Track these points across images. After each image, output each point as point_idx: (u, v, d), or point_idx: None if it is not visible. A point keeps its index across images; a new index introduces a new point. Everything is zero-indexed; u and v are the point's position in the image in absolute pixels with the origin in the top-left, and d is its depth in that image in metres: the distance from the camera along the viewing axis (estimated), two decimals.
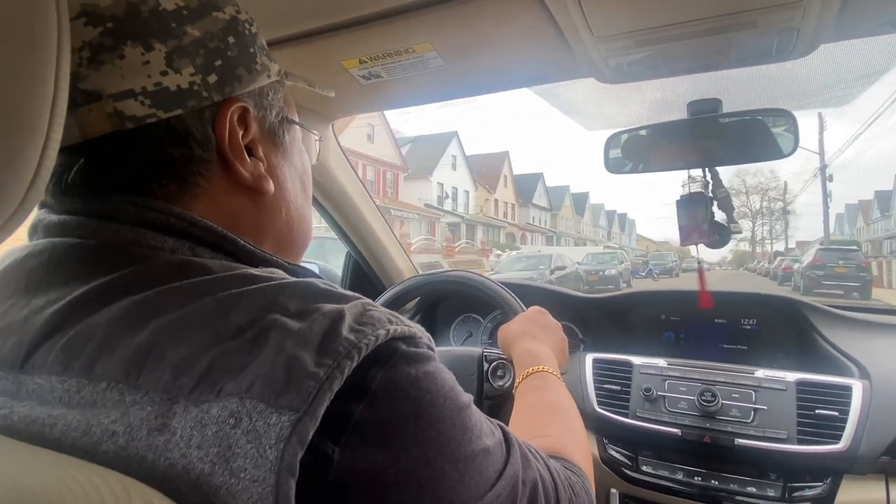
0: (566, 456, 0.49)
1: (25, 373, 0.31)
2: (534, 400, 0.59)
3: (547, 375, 0.63)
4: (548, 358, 0.67)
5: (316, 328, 0.29)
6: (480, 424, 0.35)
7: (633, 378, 1.00)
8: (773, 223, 40.38)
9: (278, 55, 0.53)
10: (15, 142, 0.25)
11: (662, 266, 23.12)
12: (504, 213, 31.73)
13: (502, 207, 31.63)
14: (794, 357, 1.06)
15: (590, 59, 0.73)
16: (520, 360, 0.68)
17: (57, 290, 0.33)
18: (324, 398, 0.27)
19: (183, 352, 0.28)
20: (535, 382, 0.62)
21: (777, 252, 34.80)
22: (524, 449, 0.39)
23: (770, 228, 40.72)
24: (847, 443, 0.80)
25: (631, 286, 15.63)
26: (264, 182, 0.41)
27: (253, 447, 0.25)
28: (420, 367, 0.32)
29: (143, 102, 0.35)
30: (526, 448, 0.39)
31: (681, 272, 23.35)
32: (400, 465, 0.29)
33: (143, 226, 0.35)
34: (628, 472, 0.95)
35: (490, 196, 29.99)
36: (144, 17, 0.35)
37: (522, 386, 0.62)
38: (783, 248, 37.63)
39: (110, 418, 0.27)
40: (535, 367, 0.64)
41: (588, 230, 44.67)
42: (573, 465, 0.48)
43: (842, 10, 0.58)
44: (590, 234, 44.70)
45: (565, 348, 0.76)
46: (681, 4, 0.60)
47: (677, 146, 0.90)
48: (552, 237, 35.01)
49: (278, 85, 0.45)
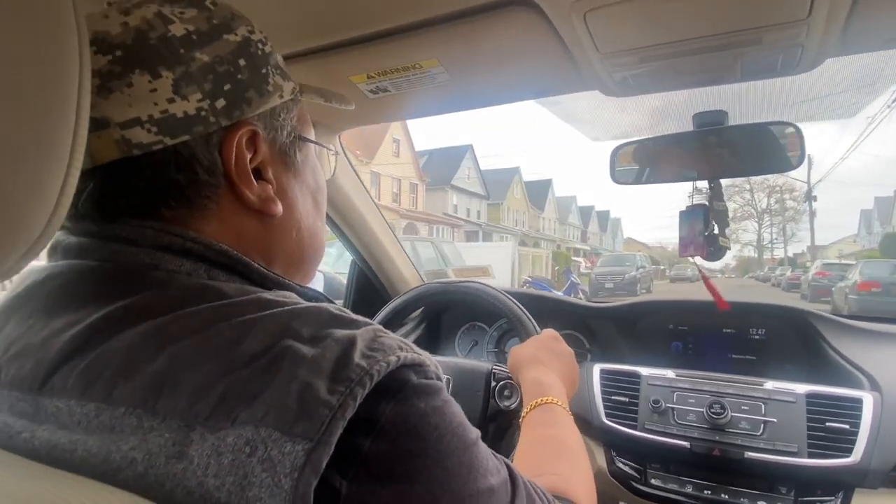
0: (571, 497, 0.48)
1: (44, 395, 0.31)
2: (541, 434, 0.58)
3: (555, 408, 0.62)
4: (557, 389, 0.65)
5: (329, 355, 0.30)
6: (487, 462, 0.35)
7: (640, 389, 1.00)
8: (783, 224, 36.03)
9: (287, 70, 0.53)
10: (41, 166, 0.26)
11: (619, 279, 15.82)
12: (396, 196, 20.42)
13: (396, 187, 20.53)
14: (803, 368, 1.05)
15: (595, 73, 0.74)
16: (528, 389, 0.66)
17: (75, 313, 0.33)
18: (337, 426, 0.27)
19: (198, 379, 0.28)
20: (542, 415, 0.61)
21: (789, 258, 32.18)
22: (529, 490, 0.38)
23: (782, 228, 36.08)
24: (858, 456, 0.79)
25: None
26: (272, 205, 0.41)
27: (268, 476, 0.26)
28: (430, 401, 0.32)
29: (149, 130, 0.35)
30: (532, 488, 0.39)
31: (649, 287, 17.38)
32: (404, 501, 0.29)
33: (161, 249, 0.36)
34: (637, 485, 0.95)
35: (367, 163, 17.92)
36: (152, 45, 0.36)
37: (530, 417, 0.61)
38: (798, 252, 34.05)
39: (129, 445, 0.28)
40: (544, 398, 0.62)
41: (552, 227, 35.03)
42: None
43: (846, 27, 0.58)
44: (556, 232, 34.96)
45: (576, 378, 0.75)
46: (685, 22, 0.60)
47: (683, 157, 0.91)
48: (477, 232, 24.33)
49: (292, 103, 0.44)
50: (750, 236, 38.87)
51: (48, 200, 0.26)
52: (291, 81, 0.44)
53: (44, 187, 0.26)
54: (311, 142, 0.47)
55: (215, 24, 0.39)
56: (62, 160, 0.27)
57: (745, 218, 37.42)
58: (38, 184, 0.26)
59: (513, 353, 0.77)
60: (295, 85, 0.45)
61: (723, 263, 38.50)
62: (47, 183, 0.26)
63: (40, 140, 0.25)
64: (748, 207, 37.15)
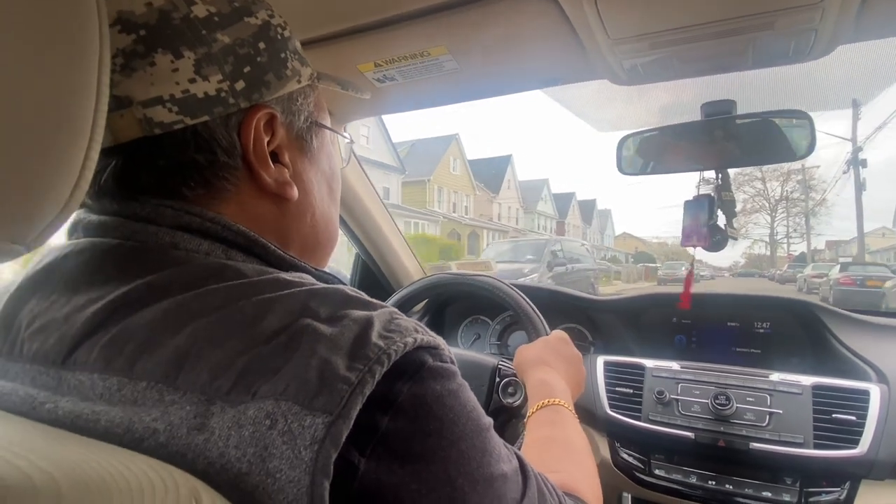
0: (579, 495, 0.48)
1: (67, 369, 0.32)
2: (547, 434, 0.58)
3: (561, 409, 0.61)
4: (562, 390, 0.65)
5: (347, 333, 0.30)
6: (500, 449, 0.35)
7: (645, 381, 1.00)
8: (806, 213, 28.99)
9: None
10: (62, 142, 0.26)
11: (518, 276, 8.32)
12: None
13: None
14: (808, 361, 1.05)
15: (604, 61, 0.73)
16: (533, 390, 0.66)
17: (98, 290, 0.33)
18: (356, 402, 0.27)
19: (219, 355, 0.29)
20: (548, 416, 0.61)
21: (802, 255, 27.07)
22: (540, 483, 0.38)
23: (806, 218, 28.83)
24: (865, 447, 0.79)
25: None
26: (288, 188, 0.41)
27: (288, 448, 0.26)
28: (446, 383, 0.32)
29: (170, 109, 0.35)
30: (542, 481, 0.39)
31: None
32: (421, 480, 0.29)
33: (181, 229, 0.36)
34: (641, 475, 0.95)
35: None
36: (176, 25, 0.36)
37: (535, 418, 0.61)
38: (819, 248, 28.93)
39: (151, 416, 0.28)
40: (549, 399, 0.62)
41: (514, 216, 28.45)
42: None
43: (861, 11, 0.58)
44: (518, 222, 28.37)
45: (582, 381, 0.75)
46: (697, 7, 0.60)
47: (691, 147, 0.90)
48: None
49: (309, 89, 0.45)
50: (762, 231, 33.10)
51: (71, 173, 0.27)
52: (309, 67, 0.45)
53: (67, 161, 0.27)
54: (326, 128, 0.48)
55: (236, 7, 0.39)
56: (84, 134, 0.27)
57: (757, 210, 31.89)
58: (62, 157, 0.26)
59: (520, 352, 0.77)
60: (312, 71, 0.45)
61: (731, 261, 35.72)
62: (70, 156, 0.27)
63: (61, 114, 0.26)
64: (759, 198, 31.46)
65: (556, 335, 0.80)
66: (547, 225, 32.41)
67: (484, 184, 25.76)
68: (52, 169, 0.26)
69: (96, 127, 0.28)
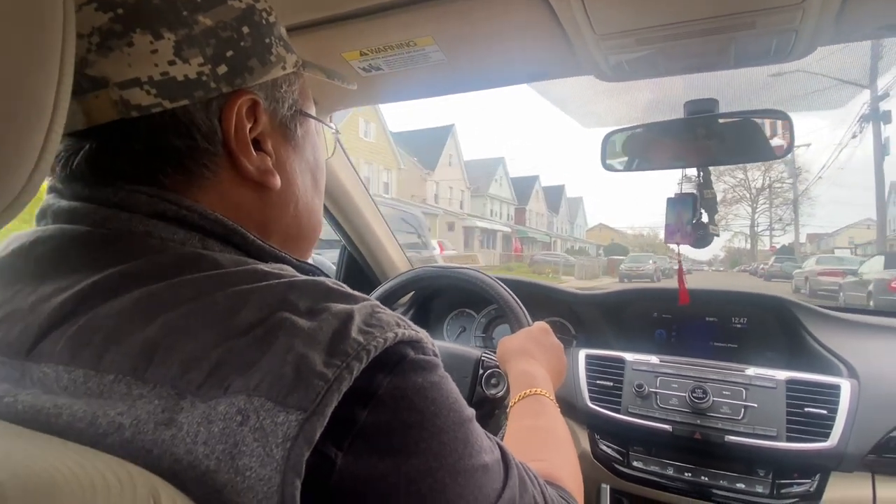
0: (561, 483, 0.48)
1: (31, 360, 0.30)
2: (529, 424, 0.59)
3: (542, 399, 0.62)
4: (544, 381, 0.66)
5: (325, 328, 0.29)
6: (481, 440, 0.34)
7: (625, 374, 1.01)
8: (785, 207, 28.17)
9: None
10: (20, 125, 0.25)
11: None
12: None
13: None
14: (783, 356, 1.07)
15: (590, 57, 0.74)
16: (515, 380, 0.67)
17: (66, 278, 0.32)
18: (332, 398, 0.27)
19: (192, 347, 0.28)
20: (530, 406, 0.61)
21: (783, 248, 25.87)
22: (522, 472, 0.38)
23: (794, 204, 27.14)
24: (835, 441, 0.82)
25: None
26: (270, 177, 0.40)
27: (259, 445, 0.25)
28: (427, 376, 0.31)
29: (148, 91, 0.34)
30: (524, 471, 0.39)
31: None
32: (401, 473, 0.29)
33: (155, 217, 0.35)
34: (619, 467, 0.96)
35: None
36: (156, 4, 0.35)
37: (517, 408, 0.61)
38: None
39: (116, 410, 0.27)
40: (531, 389, 0.63)
41: (454, 197, 24.02)
42: (567, 494, 0.47)
43: (840, 13, 0.59)
44: (463, 206, 24.07)
45: (563, 371, 0.76)
46: (682, 4, 0.60)
47: (673, 145, 0.91)
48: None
49: (294, 77, 0.43)
50: (742, 222, 31.88)
51: (29, 158, 0.26)
52: (294, 54, 0.43)
53: (24, 144, 0.25)
54: (311, 117, 0.46)
55: None
56: (44, 117, 0.26)
57: (737, 201, 30.61)
58: (18, 140, 0.25)
59: (502, 343, 0.77)
60: (298, 58, 0.44)
61: (711, 255, 34.68)
62: (27, 139, 0.25)
63: (19, 95, 0.25)
64: (740, 188, 30.23)
65: (537, 326, 0.81)
66: (502, 211, 28.42)
67: (417, 158, 22.04)
68: (7, 150, 0.24)
69: (58, 109, 0.26)
